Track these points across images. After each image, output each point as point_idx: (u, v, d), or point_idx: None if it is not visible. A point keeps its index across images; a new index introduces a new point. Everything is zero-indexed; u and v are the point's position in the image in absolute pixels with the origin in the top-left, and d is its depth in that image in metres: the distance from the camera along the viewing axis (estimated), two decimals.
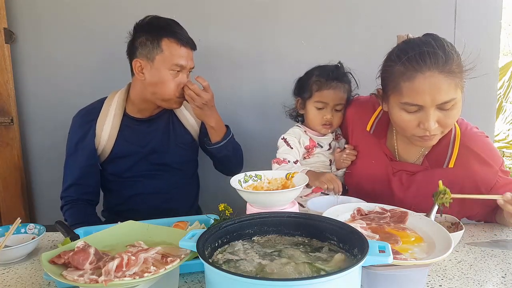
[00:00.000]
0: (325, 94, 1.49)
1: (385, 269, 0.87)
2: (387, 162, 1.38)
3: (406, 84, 1.15)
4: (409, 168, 1.35)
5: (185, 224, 1.23)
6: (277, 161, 1.51)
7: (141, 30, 1.55)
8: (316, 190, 1.53)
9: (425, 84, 1.12)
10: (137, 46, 1.55)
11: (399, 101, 1.19)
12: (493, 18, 1.86)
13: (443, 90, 1.12)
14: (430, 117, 1.15)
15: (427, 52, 1.13)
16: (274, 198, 1.07)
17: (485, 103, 1.93)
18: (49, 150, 2.05)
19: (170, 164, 1.70)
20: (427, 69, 1.12)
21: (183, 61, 1.54)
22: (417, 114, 1.17)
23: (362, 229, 1.00)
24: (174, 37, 1.52)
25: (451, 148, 1.28)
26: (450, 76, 1.12)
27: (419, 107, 1.16)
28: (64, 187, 1.65)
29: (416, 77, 1.13)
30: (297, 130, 1.56)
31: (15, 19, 1.99)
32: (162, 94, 1.55)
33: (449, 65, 1.12)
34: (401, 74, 1.16)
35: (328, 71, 1.51)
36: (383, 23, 1.90)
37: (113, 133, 1.62)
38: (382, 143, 1.40)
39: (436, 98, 1.13)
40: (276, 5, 1.94)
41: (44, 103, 2.06)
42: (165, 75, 1.53)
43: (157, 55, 1.52)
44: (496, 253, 1.14)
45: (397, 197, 1.35)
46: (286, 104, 1.65)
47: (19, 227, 1.26)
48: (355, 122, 1.48)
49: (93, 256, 0.85)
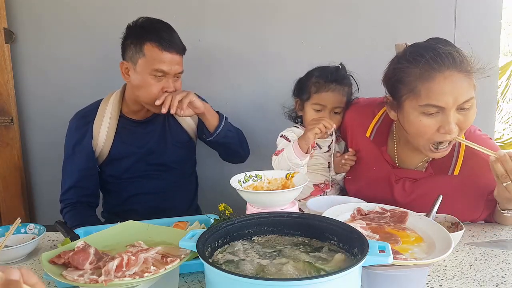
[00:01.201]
0: (323, 96, 1.46)
1: (385, 269, 0.87)
2: (389, 169, 1.35)
3: (425, 86, 1.12)
4: (412, 175, 1.32)
5: (185, 224, 1.23)
6: (276, 153, 1.49)
7: (129, 32, 1.55)
8: (315, 193, 1.52)
9: (446, 84, 1.10)
10: (124, 48, 1.56)
11: (417, 104, 1.14)
12: (493, 18, 1.86)
13: (463, 89, 1.10)
14: (451, 118, 1.12)
15: (443, 52, 1.11)
16: (274, 198, 1.07)
17: (485, 103, 1.92)
18: (49, 150, 2.05)
19: (168, 163, 1.70)
20: (446, 69, 1.10)
21: (165, 66, 1.50)
22: (437, 117, 1.14)
23: (362, 229, 0.99)
24: (156, 42, 1.49)
25: (456, 155, 1.26)
26: (467, 75, 1.11)
27: (440, 108, 1.12)
28: (63, 190, 1.64)
29: (436, 77, 1.10)
30: (296, 129, 1.54)
31: (15, 19, 1.99)
32: (144, 98, 1.54)
33: (465, 64, 1.12)
34: (419, 76, 1.13)
35: (327, 72, 1.48)
36: (383, 23, 1.90)
37: (110, 134, 1.62)
38: (383, 150, 1.36)
39: (457, 98, 1.10)
40: (276, 5, 1.94)
41: (44, 103, 2.06)
42: (146, 80, 1.51)
43: (140, 59, 1.50)
44: (496, 253, 1.14)
45: (400, 205, 1.30)
46: (286, 105, 1.64)
47: (19, 227, 1.26)
48: (354, 127, 1.45)
49: (93, 256, 0.85)
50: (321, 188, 1.52)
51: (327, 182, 1.52)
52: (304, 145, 1.38)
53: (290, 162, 1.39)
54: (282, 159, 1.42)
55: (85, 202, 1.65)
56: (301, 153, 1.38)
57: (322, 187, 1.52)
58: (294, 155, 1.38)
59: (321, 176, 1.53)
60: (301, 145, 1.38)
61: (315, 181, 1.52)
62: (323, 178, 1.53)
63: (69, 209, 1.61)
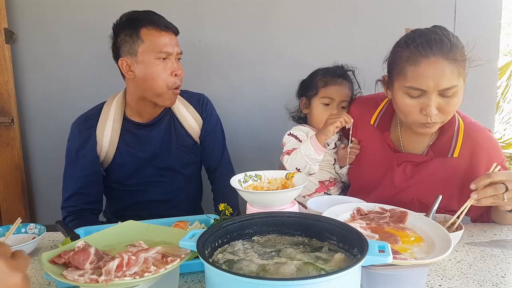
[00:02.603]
0: (331, 90, 1.50)
1: (384, 269, 0.87)
2: (391, 154, 1.39)
3: (411, 68, 1.19)
4: (413, 159, 1.36)
5: (185, 224, 1.23)
6: (287, 152, 1.48)
7: (119, 29, 1.52)
8: (320, 190, 1.54)
9: (429, 69, 1.16)
10: (119, 46, 1.51)
11: (403, 85, 1.21)
12: (493, 18, 1.86)
13: (446, 76, 1.15)
14: (432, 102, 1.18)
15: (434, 38, 1.17)
16: (274, 198, 1.07)
17: (485, 103, 1.93)
18: (50, 150, 2.06)
19: (173, 167, 1.66)
20: (432, 55, 1.16)
21: (167, 47, 1.48)
22: (420, 99, 1.20)
23: (362, 229, 1.00)
24: (152, 25, 1.47)
25: (455, 138, 1.30)
26: (453, 63, 1.16)
27: (422, 91, 1.19)
28: (65, 197, 1.58)
29: (422, 61, 1.17)
30: (304, 128, 1.56)
31: (15, 19, 2.00)
32: (155, 88, 1.50)
33: (453, 53, 1.16)
34: (407, 59, 1.20)
35: (331, 69, 1.54)
36: (383, 23, 1.90)
37: (114, 138, 1.58)
38: (386, 136, 1.41)
39: (439, 84, 1.16)
40: (276, 5, 1.94)
41: (44, 103, 2.06)
42: (152, 66, 1.47)
43: (139, 47, 1.47)
44: (495, 253, 1.14)
45: (400, 188, 1.36)
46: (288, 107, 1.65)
47: (19, 227, 1.26)
48: (358, 118, 1.48)
49: (94, 256, 0.85)
50: (326, 185, 1.55)
51: (332, 179, 1.56)
52: (323, 139, 1.41)
53: (308, 158, 1.41)
54: (298, 156, 1.43)
55: (89, 209, 1.59)
56: (320, 147, 1.41)
57: (327, 184, 1.55)
58: (313, 150, 1.40)
59: (327, 172, 1.55)
60: (320, 139, 1.41)
61: (321, 178, 1.54)
62: (329, 175, 1.56)
63: (73, 218, 1.55)
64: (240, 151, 2.03)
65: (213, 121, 1.73)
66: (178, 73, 1.52)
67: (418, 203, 1.32)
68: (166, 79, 1.49)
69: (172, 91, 1.53)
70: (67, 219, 1.56)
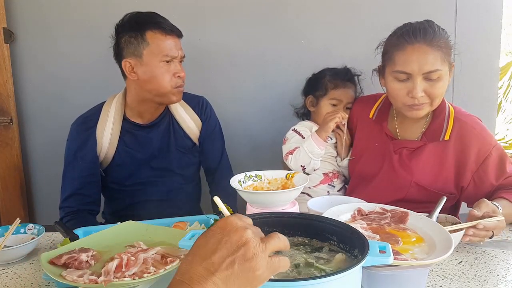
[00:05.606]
0: (340, 92, 1.61)
1: (385, 269, 0.87)
2: (388, 142, 1.47)
3: (398, 54, 1.32)
4: (408, 145, 1.44)
5: (185, 224, 1.22)
6: (290, 152, 1.56)
7: (123, 30, 1.52)
8: (324, 181, 1.62)
9: (414, 54, 1.28)
10: (122, 47, 1.51)
11: (392, 70, 1.34)
12: (494, 18, 1.86)
13: (429, 60, 1.27)
14: (417, 85, 1.29)
15: (419, 28, 1.31)
16: (274, 198, 1.07)
17: (486, 103, 1.93)
18: (49, 150, 2.05)
19: (171, 168, 1.67)
20: (417, 42, 1.29)
21: (172, 50, 1.49)
22: (407, 83, 1.31)
23: (363, 229, 0.99)
24: (157, 28, 1.48)
25: (446, 123, 1.39)
26: (437, 50, 1.28)
27: (408, 75, 1.30)
28: (63, 197, 1.58)
29: (407, 47, 1.30)
30: (307, 123, 1.65)
31: (15, 18, 1.99)
32: (158, 89, 1.51)
33: (437, 40, 1.29)
34: (395, 46, 1.33)
35: (341, 72, 1.64)
36: (383, 23, 1.87)
37: (114, 139, 1.58)
38: (384, 126, 1.49)
39: (422, 67, 1.27)
40: (276, 5, 1.93)
41: (43, 103, 2.06)
42: (157, 68, 1.48)
43: (144, 49, 1.47)
44: (496, 253, 1.13)
45: (398, 173, 1.42)
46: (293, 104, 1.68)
47: (18, 227, 1.26)
48: (359, 114, 1.58)
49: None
50: (330, 177, 1.64)
51: (335, 171, 1.65)
52: (324, 134, 1.52)
53: (312, 154, 1.51)
54: (302, 154, 1.52)
55: (86, 210, 1.59)
56: (321, 142, 1.52)
57: (330, 176, 1.64)
58: (315, 146, 1.51)
59: (330, 165, 1.65)
60: (320, 134, 1.51)
61: (324, 170, 1.63)
62: (332, 167, 1.65)
63: (70, 218, 1.54)
64: (240, 151, 2.03)
65: (212, 123, 1.74)
66: (181, 75, 1.54)
67: (416, 186, 1.40)
68: (169, 80, 1.51)
69: (176, 89, 1.54)
70: (65, 219, 1.56)
